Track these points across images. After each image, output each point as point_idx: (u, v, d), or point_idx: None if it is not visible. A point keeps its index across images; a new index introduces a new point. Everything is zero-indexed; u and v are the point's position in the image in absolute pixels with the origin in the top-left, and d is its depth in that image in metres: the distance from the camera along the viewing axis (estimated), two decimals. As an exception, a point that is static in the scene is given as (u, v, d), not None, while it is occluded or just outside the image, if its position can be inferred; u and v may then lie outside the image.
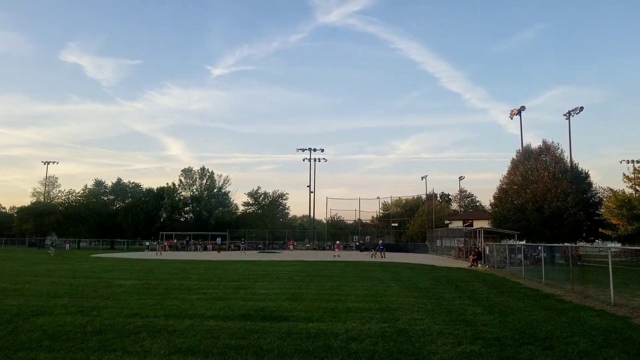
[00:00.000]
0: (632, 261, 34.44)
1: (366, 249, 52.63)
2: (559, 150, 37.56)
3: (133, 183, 76.02)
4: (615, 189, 32.72)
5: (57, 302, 11.10)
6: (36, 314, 9.38)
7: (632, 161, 52.79)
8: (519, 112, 44.66)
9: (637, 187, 30.83)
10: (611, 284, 11.84)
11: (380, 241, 48.33)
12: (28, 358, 6.02)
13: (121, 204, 73.25)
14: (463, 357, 6.32)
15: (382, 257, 38.76)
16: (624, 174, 32.11)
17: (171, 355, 6.23)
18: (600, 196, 37.48)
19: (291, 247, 59.32)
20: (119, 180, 75.71)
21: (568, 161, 38.19)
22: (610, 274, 11.93)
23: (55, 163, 78.24)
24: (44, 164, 76.45)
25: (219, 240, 55.33)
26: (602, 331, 8.24)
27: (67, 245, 61.01)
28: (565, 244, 28.25)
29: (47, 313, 9.49)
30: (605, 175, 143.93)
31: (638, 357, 6.42)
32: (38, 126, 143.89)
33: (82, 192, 73.34)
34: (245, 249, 52.56)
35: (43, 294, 12.68)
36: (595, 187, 38.33)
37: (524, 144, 40.53)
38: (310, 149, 72.78)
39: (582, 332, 8.19)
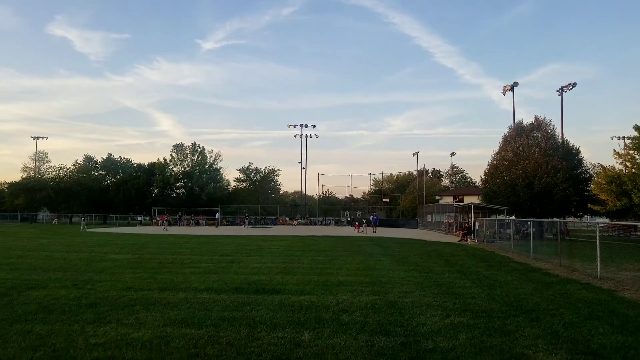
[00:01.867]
0: (620, 236, 35.03)
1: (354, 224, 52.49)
2: (551, 127, 37.81)
3: (124, 158, 75.63)
4: (605, 165, 33.04)
5: (51, 275, 11.16)
6: (30, 287, 9.44)
7: (623, 137, 53.13)
8: (512, 88, 44.68)
9: (627, 164, 31.12)
10: (598, 258, 12.08)
11: (372, 216, 48.41)
12: (24, 330, 6.09)
13: (112, 180, 73.03)
14: (451, 328, 6.47)
15: (373, 232, 39.05)
16: (615, 150, 32.37)
17: (165, 327, 6.33)
18: (590, 172, 37.87)
19: (296, 222, 59.66)
20: (110, 155, 75.22)
21: (559, 137, 38.45)
22: (598, 248, 12.16)
23: (45, 138, 77.46)
24: (34, 139, 75.67)
25: (217, 215, 55.43)
26: (587, 304, 8.46)
27: (55, 221, 61.03)
28: (554, 219, 28.69)
29: (42, 286, 9.54)
30: (596, 151, 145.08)
31: (622, 328, 6.62)
32: (27, 101, 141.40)
33: (72, 167, 72.90)
34: (248, 225, 52.66)
35: (37, 268, 12.72)
36: (586, 163, 38.75)
37: (516, 120, 40.73)
38: (301, 125, 72.47)
39: (568, 304, 8.41)
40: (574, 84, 42.07)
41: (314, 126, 73.54)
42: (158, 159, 72.18)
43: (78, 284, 9.97)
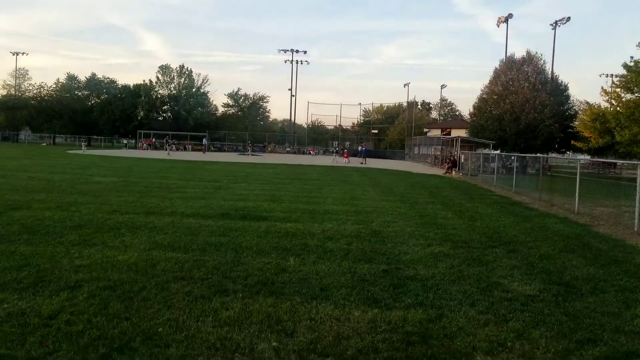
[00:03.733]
0: (599, 173, 35.81)
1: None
2: (542, 62, 37.34)
3: (108, 79, 73.35)
4: (591, 103, 33.00)
5: (34, 197, 11.04)
6: (13, 208, 9.35)
7: (612, 75, 52.67)
8: (506, 20, 43.44)
9: (613, 101, 31.03)
10: (577, 194, 12.37)
11: (361, 147, 48.30)
12: (8, 250, 6.07)
13: (96, 100, 71.13)
14: (432, 257, 6.67)
15: (361, 163, 39.06)
16: (602, 88, 32.16)
17: (151, 251, 6.39)
18: (577, 109, 37.92)
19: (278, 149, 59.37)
20: (93, 75, 72.79)
21: (549, 73, 38.02)
22: (577, 184, 12.41)
23: (25, 54, 74.55)
24: (13, 55, 72.26)
25: (205, 140, 54.80)
26: (563, 237, 8.74)
27: (46, 143, 59.99)
28: (538, 155, 29.04)
29: (25, 207, 9.46)
30: (584, 88, 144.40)
31: (594, 261, 6.88)
32: (6, 14, 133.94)
33: (54, 86, 70.55)
34: (251, 153, 52.43)
35: (20, 188, 12.57)
36: (573, 100, 38.71)
37: (508, 54, 39.97)
38: (292, 51, 70.32)
39: (544, 237, 8.68)
40: (568, 18, 41.03)
41: (305, 52, 71.68)
42: (144, 81, 70.06)
43: (62, 205, 9.91)
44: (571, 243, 8.18)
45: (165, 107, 70.86)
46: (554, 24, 41.14)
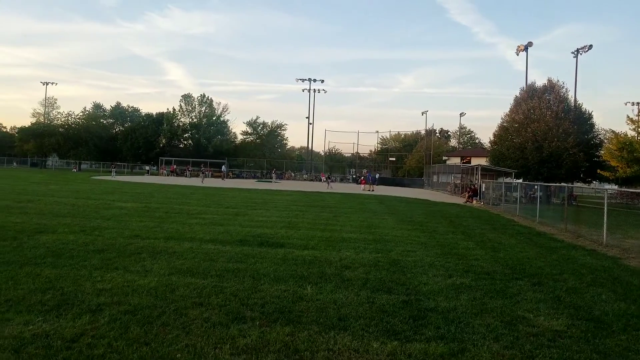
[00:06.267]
0: (627, 204, 34.89)
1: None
2: (564, 90, 37.00)
3: (132, 107, 75.59)
4: (617, 131, 32.47)
5: (59, 221, 11.29)
6: (40, 231, 9.56)
7: (637, 103, 51.98)
8: (526, 48, 43.39)
9: (640, 130, 30.55)
10: (604, 225, 12.02)
11: (367, 173, 47.55)
12: (33, 273, 6.18)
13: (120, 128, 73.11)
14: (453, 288, 6.51)
15: (370, 189, 38.66)
16: (628, 116, 31.71)
17: (171, 276, 6.41)
18: (602, 137, 37.29)
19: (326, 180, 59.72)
20: (118, 104, 75.25)
21: (572, 101, 37.65)
22: (605, 214, 12.07)
23: (54, 84, 77.11)
24: (43, 85, 75.12)
25: (224, 167, 55.44)
26: (591, 270, 8.45)
27: (74, 169, 61.39)
28: (562, 184, 28.51)
29: (51, 231, 9.67)
30: (609, 117, 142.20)
31: (625, 296, 6.62)
32: (37, 46, 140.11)
33: (81, 114, 72.94)
34: (275, 180, 52.88)
35: (46, 212, 12.87)
36: (597, 129, 38.10)
37: (529, 82, 39.81)
38: (310, 80, 71.29)
39: (572, 270, 8.40)
40: (590, 46, 40.76)
41: (322, 81, 72.45)
42: (167, 109, 72.01)
43: (86, 230, 10.09)
44: (600, 276, 7.90)
45: (187, 134, 72.33)
46: (576, 52, 40.96)
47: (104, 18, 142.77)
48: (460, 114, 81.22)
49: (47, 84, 75.06)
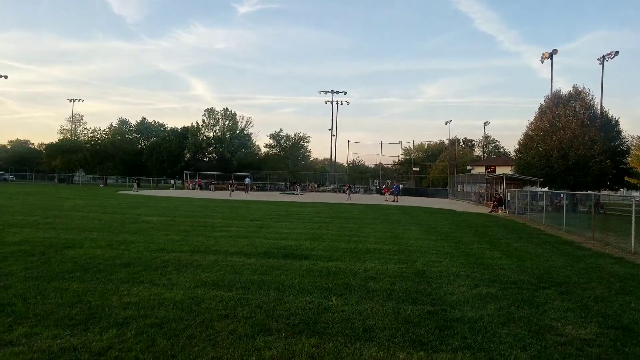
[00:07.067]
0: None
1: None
2: (590, 97, 36.28)
3: (157, 122, 77.07)
4: (645, 138, 31.62)
5: (87, 235, 11.57)
6: (67, 246, 9.81)
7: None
8: (551, 56, 42.76)
9: (669, 135, 29.66)
10: (633, 232, 11.74)
11: (389, 182, 47.63)
12: (61, 287, 6.35)
13: (146, 143, 74.62)
14: (479, 298, 6.43)
15: (394, 200, 38.68)
16: (657, 122, 30.87)
17: (197, 289, 6.51)
18: (629, 144, 36.38)
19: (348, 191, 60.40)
20: (144, 119, 76.86)
21: (598, 108, 36.89)
22: (633, 222, 11.79)
23: (81, 101, 79.44)
24: (70, 102, 77.54)
25: (247, 180, 55.97)
26: (620, 278, 8.25)
27: (101, 184, 62.86)
28: (589, 192, 27.84)
29: (78, 246, 9.91)
30: (637, 123, 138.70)
31: (656, 304, 6.44)
32: (64, 63, 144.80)
33: (107, 130, 74.82)
34: (299, 192, 53.70)
35: (73, 227, 13.20)
36: (625, 135, 37.21)
37: (554, 90, 39.17)
38: (332, 92, 71.68)
39: (599, 278, 8.22)
40: (616, 53, 39.91)
41: (345, 93, 72.85)
42: (191, 123, 73.20)
43: (112, 244, 10.32)
44: (628, 285, 7.71)
45: (211, 148, 73.32)
46: (602, 59, 40.17)
47: (130, 35, 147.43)
48: (485, 123, 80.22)
49: (73, 100, 77.51)
